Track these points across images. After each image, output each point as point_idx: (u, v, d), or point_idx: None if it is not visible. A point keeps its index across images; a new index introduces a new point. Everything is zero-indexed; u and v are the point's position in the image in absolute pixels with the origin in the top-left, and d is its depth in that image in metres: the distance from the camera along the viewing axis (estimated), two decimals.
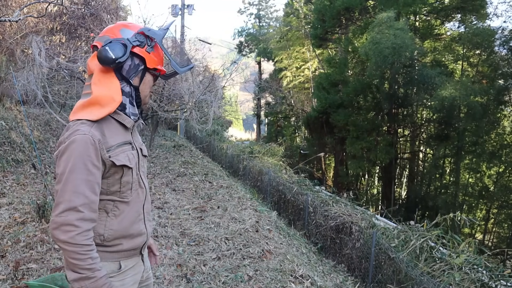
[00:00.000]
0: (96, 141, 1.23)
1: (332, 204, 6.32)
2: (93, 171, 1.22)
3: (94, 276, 1.20)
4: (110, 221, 1.33)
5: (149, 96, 1.44)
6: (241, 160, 11.00)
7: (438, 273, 3.92)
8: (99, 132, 1.26)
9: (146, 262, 1.56)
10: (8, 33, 8.46)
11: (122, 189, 1.34)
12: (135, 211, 1.39)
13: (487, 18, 14.63)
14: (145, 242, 1.47)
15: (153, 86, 1.44)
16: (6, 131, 6.93)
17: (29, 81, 6.12)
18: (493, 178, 15.49)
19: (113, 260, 1.36)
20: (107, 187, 1.31)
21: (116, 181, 1.32)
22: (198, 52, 10.47)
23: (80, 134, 1.22)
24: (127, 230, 1.37)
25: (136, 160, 1.40)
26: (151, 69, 1.39)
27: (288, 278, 3.40)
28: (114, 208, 1.34)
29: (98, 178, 1.24)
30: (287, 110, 26.52)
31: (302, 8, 23.75)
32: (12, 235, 3.67)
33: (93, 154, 1.22)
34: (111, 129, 1.32)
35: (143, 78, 1.38)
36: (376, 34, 13.00)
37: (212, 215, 4.99)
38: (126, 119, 1.36)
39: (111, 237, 1.34)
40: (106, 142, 1.27)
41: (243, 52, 31.86)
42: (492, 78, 14.07)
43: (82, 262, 1.19)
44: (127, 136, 1.38)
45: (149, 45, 1.35)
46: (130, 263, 1.42)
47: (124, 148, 1.34)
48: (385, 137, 15.38)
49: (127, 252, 1.39)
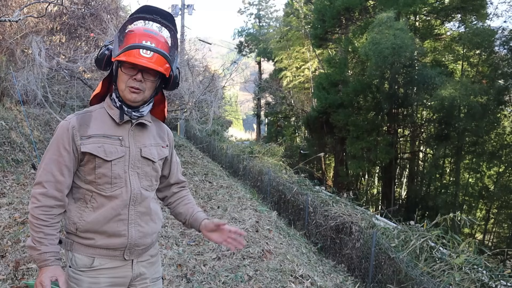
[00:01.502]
0: (70, 127, 1.34)
1: (332, 204, 6.33)
2: (63, 153, 1.33)
3: (40, 249, 1.29)
4: (87, 212, 1.36)
5: (129, 91, 1.36)
6: (241, 160, 11.00)
7: (438, 273, 3.92)
8: (80, 120, 1.36)
9: (147, 271, 1.48)
10: (8, 33, 8.46)
11: (98, 180, 1.35)
12: (113, 208, 1.36)
13: (487, 18, 14.62)
14: (126, 246, 1.39)
15: (132, 81, 1.35)
16: (6, 131, 6.93)
17: (29, 81, 6.12)
18: (493, 178, 15.48)
19: (87, 254, 1.37)
20: (83, 175, 1.38)
21: (91, 170, 1.36)
22: (198, 52, 10.47)
23: (63, 121, 1.38)
24: (101, 226, 1.35)
25: (121, 156, 1.37)
26: (120, 63, 1.36)
27: (288, 278, 3.40)
28: (92, 200, 1.37)
29: (67, 161, 1.34)
30: (287, 110, 26.50)
31: (302, 8, 23.73)
32: (12, 235, 3.67)
33: (66, 138, 1.34)
34: (101, 122, 1.39)
35: (117, 72, 1.39)
36: (376, 34, 12.99)
37: (212, 215, 4.99)
38: (116, 114, 1.40)
39: (82, 228, 1.35)
40: (84, 130, 1.35)
41: (243, 52, 31.83)
42: (492, 78, 14.05)
43: (35, 234, 1.30)
44: (118, 131, 1.40)
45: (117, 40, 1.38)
46: (108, 264, 1.39)
47: (104, 140, 1.36)
48: (385, 137, 15.37)
49: (101, 250, 1.37)
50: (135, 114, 1.41)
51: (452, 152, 15.03)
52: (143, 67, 1.34)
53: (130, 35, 1.37)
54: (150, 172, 1.46)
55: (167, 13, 1.42)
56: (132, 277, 1.44)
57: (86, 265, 1.37)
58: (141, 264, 1.47)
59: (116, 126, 1.40)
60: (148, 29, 1.40)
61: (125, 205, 1.38)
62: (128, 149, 1.40)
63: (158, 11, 1.40)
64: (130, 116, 1.40)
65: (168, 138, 1.59)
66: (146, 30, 1.39)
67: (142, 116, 1.43)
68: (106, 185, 1.36)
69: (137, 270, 1.45)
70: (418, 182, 16.74)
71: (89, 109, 1.43)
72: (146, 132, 1.47)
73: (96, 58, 1.42)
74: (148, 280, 1.49)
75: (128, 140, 1.40)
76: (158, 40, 1.37)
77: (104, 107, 1.43)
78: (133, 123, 1.42)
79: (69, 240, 1.39)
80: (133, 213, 1.40)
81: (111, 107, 1.41)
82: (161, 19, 1.41)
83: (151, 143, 1.47)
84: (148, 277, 1.49)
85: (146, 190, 1.44)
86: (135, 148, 1.41)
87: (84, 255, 1.37)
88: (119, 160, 1.37)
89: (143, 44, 1.32)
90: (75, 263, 1.37)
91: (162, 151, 1.52)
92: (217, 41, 45.00)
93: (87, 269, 1.37)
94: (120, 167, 1.37)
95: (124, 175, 1.38)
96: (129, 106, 1.40)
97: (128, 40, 1.35)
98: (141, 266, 1.47)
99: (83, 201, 1.38)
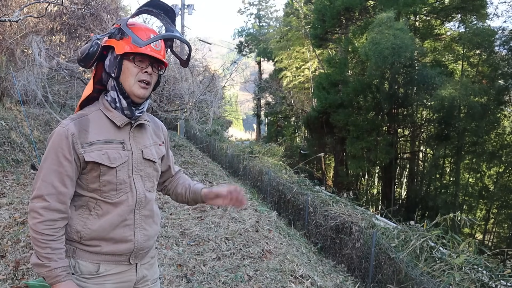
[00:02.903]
0: (70, 134, 1.25)
1: (332, 204, 6.32)
2: (64, 163, 1.24)
3: (49, 265, 1.22)
4: (92, 220, 1.30)
5: (139, 86, 1.31)
6: (241, 160, 11.00)
7: (438, 273, 3.92)
8: (78, 126, 1.27)
9: (149, 273, 1.48)
10: (8, 33, 8.45)
11: (103, 188, 1.30)
12: (119, 215, 1.32)
13: (487, 18, 14.63)
14: (133, 251, 1.37)
15: (143, 75, 1.31)
16: (6, 131, 6.93)
17: (29, 81, 6.12)
18: (493, 178, 15.49)
19: (92, 261, 1.33)
20: (86, 183, 1.30)
21: (95, 178, 1.29)
22: (198, 52, 10.48)
23: (59, 127, 1.28)
24: (107, 233, 1.31)
25: (125, 161, 1.32)
26: (126, 56, 1.30)
27: (288, 278, 3.40)
28: (97, 207, 1.31)
29: (69, 171, 1.25)
30: (287, 110, 26.52)
31: (302, 8, 23.74)
32: (12, 235, 3.67)
33: (65, 147, 1.25)
34: (99, 126, 1.31)
35: (121, 67, 1.31)
36: (376, 34, 12.99)
37: (212, 215, 4.99)
38: (117, 117, 1.33)
39: (87, 236, 1.30)
40: (85, 137, 1.27)
41: (243, 52, 31.84)
42: (492, 78, 14.06)
43: (41, 250, 1.22)
44: (118, 135, 1.34)
45: (117, 34, 1.31)
46: (113, 269, 1.36)
47: (107, 146, 1.30)
48: (385, 137, 15.38)
49: (108, 256, 1.34)
50: (138, 112, 1.36)
51: (452, 152, 15.04)
52: (153, 59, 1.32)
53: (134, 28, 1.31)
54: (152, 173, 1.43)
55: (170, 8, 1.39)
56: (136, 280, 1.43)
57: (91, 272, 1.32)
58: (144, 267, 1.46)
59: (116, 129, 1.34)
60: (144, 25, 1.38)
61: (131, 210, 1.35)
62: (131, 153, 1.35)
63: (163, 7, 1.37)
64: (131, 117, 1.35)
65: (163, 134, 1.55)
66: (144, 25, 1.37)
67: (142, 114, 1.39)
68: (111, 192, 1.31)
69: (141, 273, 1.44)
70: (418, 182, 16.75)
71: (84, 112, 1.34)
72: (145, 132, 1.43)
73: (86, 54, 1.29)
74: (149, 281, 1.49)
75: (129, 143, 1.36)
76: (157, 33, 1.36)
77: (100, 109, 1.34)
78: (133, 125, 1.37)
79: (71, 247, 1.33)
80: (138, 217, 1.37)
81: (109, 109, 1.33)
82: (164, 15, 1.38)
83: (150, 143, 1.44)
84: (149, 278, 1.49)
85: (149, 191, 1.42)
86: (137, 151, 1.37)
87: (89, 262, 1.32)
88: (123, 166, 1.32)
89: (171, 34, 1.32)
90: (79, 270, 1.32)
91: (160, 149, 1.49)
92: (217, 41, 44.98)
93: (92, 276, 1.33)
94: (124, 172, 1.33)
95: (128, 180, 1.34)
96: (134, 103, 1.34)
97: (136, 33, 1.29)
98: (143, 269, 1.46)
99: (86, 208, 1.32)
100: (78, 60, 1.34)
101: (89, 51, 1.29)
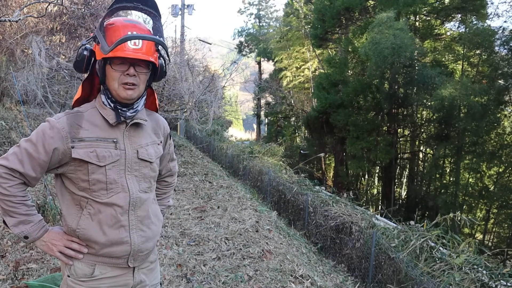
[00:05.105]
0: (60, 128, 1.25)
1: (332, 204, 6.32)
2: (40, 150, 1.24)
3: (31, 220, 1.26)
4: (84, 219, 1.29)
5: (123, 89, 1.27)
6: (241, 160, 11.00)
7: (438, 273, 3.92)
8: (70, 121, 1.27)
9: (147, 278, 1.45)
10: (8, 33, 8.45)
11: (93, 187, 1.28)
12: (112, 215, 1.29)
13: (488, 18, 14.62)
14: (130, 253, 1.34)
15: (125, 77, 1.26)
16: (6, 131, 6.93)
17: (29, 81, 6.12)
18: (493, 178, 15.48)
19: (88, 262, 1.32)
20: (77, 182, 1.29)
21: (84, 176, 1.27)
22: (198, 52, 10.48)
23: (52, 118, 1.28)
24: (102, 233, 1.29)
25: (116, 160, 1.30)
26: (106, 61, 1.27)
27: (288, 278, 3.40)
28: (88, 206, 1.29)
29: (41, 160, 1.24)
30: (287, 110, 26.51)
31: (302, 8, 23.74)
32: (12, 235, 3.67)
33: (48, 136, 1.24)
34: (93, 123, 1.30)
35: (104, 72, 1.29)
36: (376, 34, 12.99)
37: (212, 215, 4.99)
38: (110, 115, 1.31)
39: (83, 236, 1.30)
40: (76, 132, 1.27)
41: (243, 52, 31.86)
42: (492, 78, 14.05)
43: (16, 209, 1.24)
44: (112, 133, 1.31)
45: (95, 39, 1.28)
46: (109, 273, 1.34)
47: (97, 144, 1.28)
48: (385, 137, 15.38)
49: (104, 258, 1.32)
50: (130, 112, 1.32)
51: (452, 152, 15.03)
52: (133, 60, 1.25)
53: (111, 28, 1.26)
54: (149, 173, 1.39)
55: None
56: (133, 285, 1.40)
57: (86, 275, 1.31)
58: (142, 271, 1.43)
59: (110, 127, 1.31)
60: (128, 19, 1.31)
61: (124, 211, 1.31)
62: (124, 152, 1.32)
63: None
64: (124, 116, 1.32)
65: (163, 132, 1.50)
66: (127, 20, 1.29)
67: (137, 114, 1.35)
68: (101, 191, 1.28)
69: (138, 277, 1.41)
70: (418, 182, 16.74)
71: (79, 109, 1.33)
72: (142, 131, 1.39)
73: (75, 61, 1.30)
74: (147, 287, 1.46)
75: (123, 142, 1.32)
76: (142, 28, 1.27)
77: (96, 107, 1.33)
78: (128, 124, 1.34)
79: None
80: (133, 218, 1.34)
81: (103, 107, 1.32)
82: (142, 6, 1.29)
83: (147, 142, 1.40)
84: (147, 284, 1.46)
85: (145, 192, 1.38)
86: (131, 150, 1.34)
87: (84, 263, 1.32)
88: (114, 165, 1.29)
89: (131, 34, 1.21)
90: (75, 273, 1.32)
91: (158, 148, 1.45)
92: (217, 41, 45.00)
93: (87, 279, 1.32)
94: (115, 171, 1.29)
95: (120, 180, 1.30)
96: (124, 105, 1.31)
97: (110, 35, 1.24)
98: (141, 274, 1.43)
99: (79, 207, 1.31)
100: (73, 66, 1.35)
101: (77, 58, 1.30)
